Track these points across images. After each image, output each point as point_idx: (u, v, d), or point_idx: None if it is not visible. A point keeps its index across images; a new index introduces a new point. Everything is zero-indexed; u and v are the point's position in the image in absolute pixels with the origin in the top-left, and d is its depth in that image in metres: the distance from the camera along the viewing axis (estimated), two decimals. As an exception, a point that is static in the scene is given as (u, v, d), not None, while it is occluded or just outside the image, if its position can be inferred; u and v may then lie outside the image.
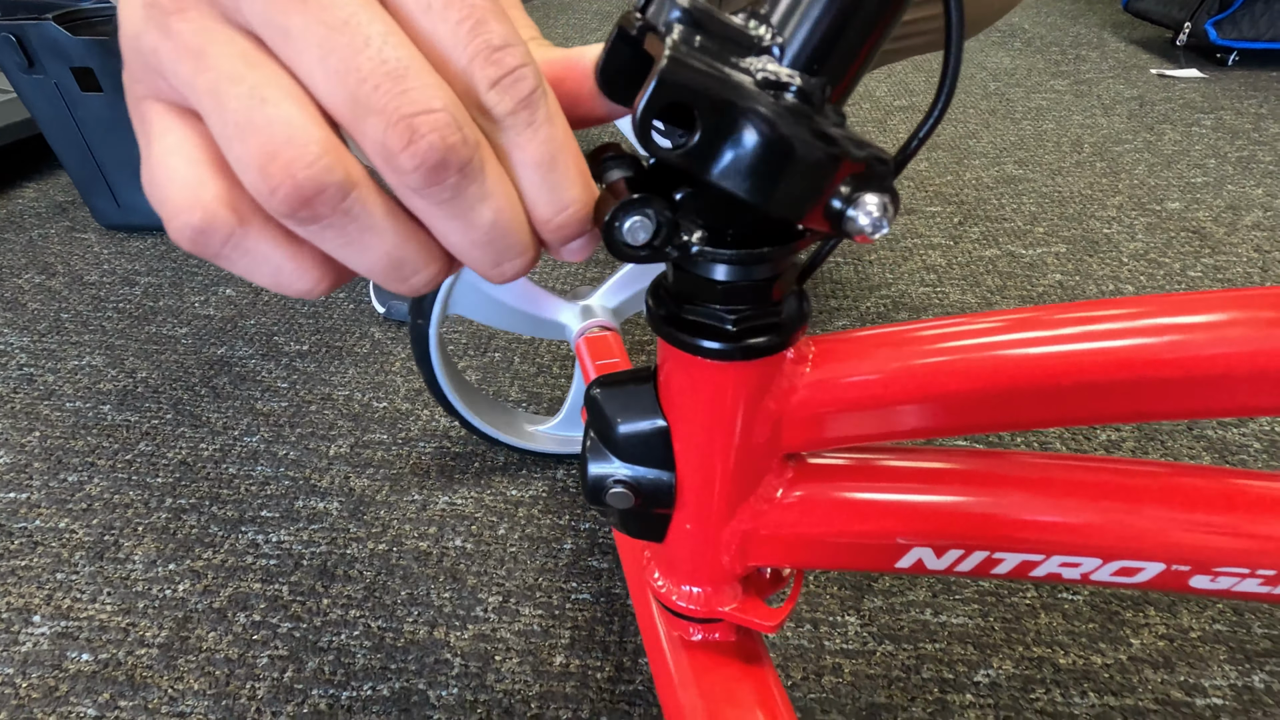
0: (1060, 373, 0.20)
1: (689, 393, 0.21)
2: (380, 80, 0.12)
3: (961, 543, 0.23)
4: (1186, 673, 0.42)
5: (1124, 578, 0.23)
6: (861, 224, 0.16)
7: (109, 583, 0.48)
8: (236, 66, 0.12)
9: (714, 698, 0.28)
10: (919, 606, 0.46)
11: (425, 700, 0.41)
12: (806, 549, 0.24)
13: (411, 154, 0.12)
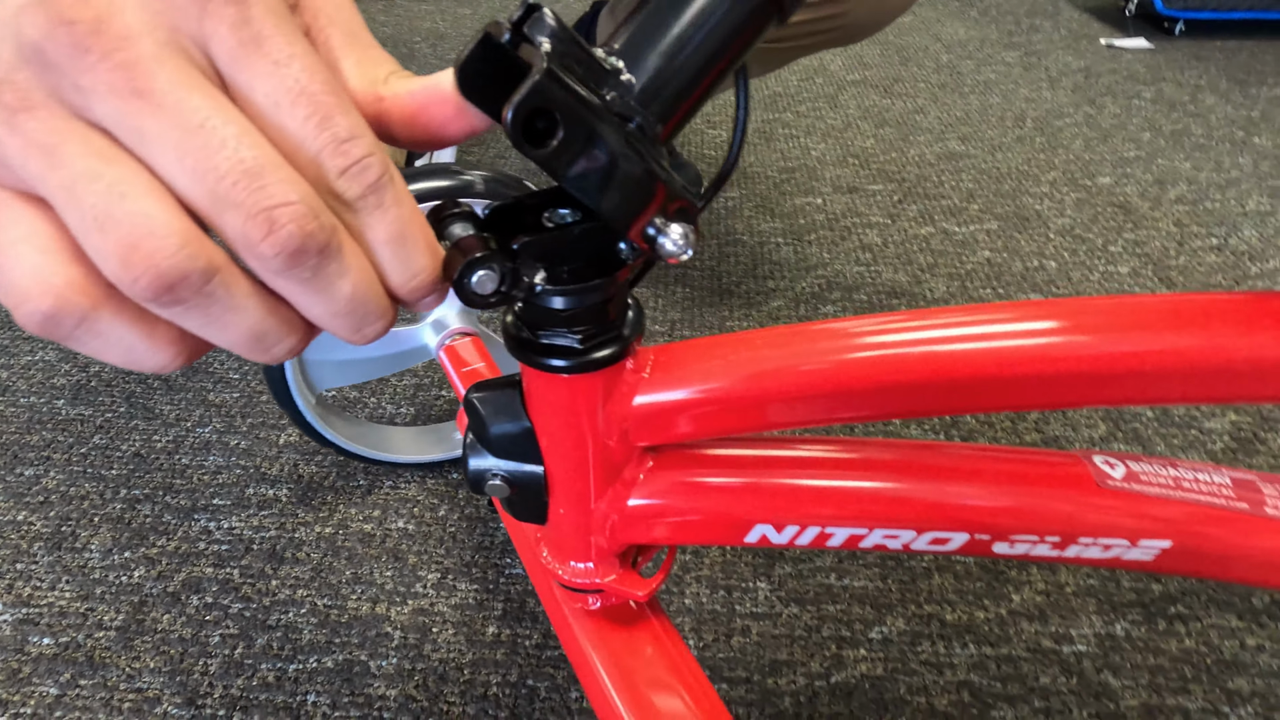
0: (858, 377, 0.23)
1: (545, 400, 0.24)
2: (238, 178, 0.13)
3: (797, 520, 0.27)
4: (1058, 624, 0.47)
5: (938, 546, 0.27)
6: (669, 248, 0.19)
7: (67, 571, 0.50)
8: (92, 164, 0.13)
9: (622, 660, 0.31)
10: (824, 572, 0.50)
11: (366, 670, 0.45)
12: (667, 528, 0.28)
13: (272, 243, 0.14)
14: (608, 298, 0.22)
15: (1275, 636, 0.46)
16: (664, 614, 0.32)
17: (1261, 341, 0.22)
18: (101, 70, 0.13)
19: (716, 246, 0.84)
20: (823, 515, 0.27)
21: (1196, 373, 0.22)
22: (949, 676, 0.44)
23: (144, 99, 0.13)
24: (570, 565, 0.30)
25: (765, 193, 0.94)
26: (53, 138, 0.13)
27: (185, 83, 0.13)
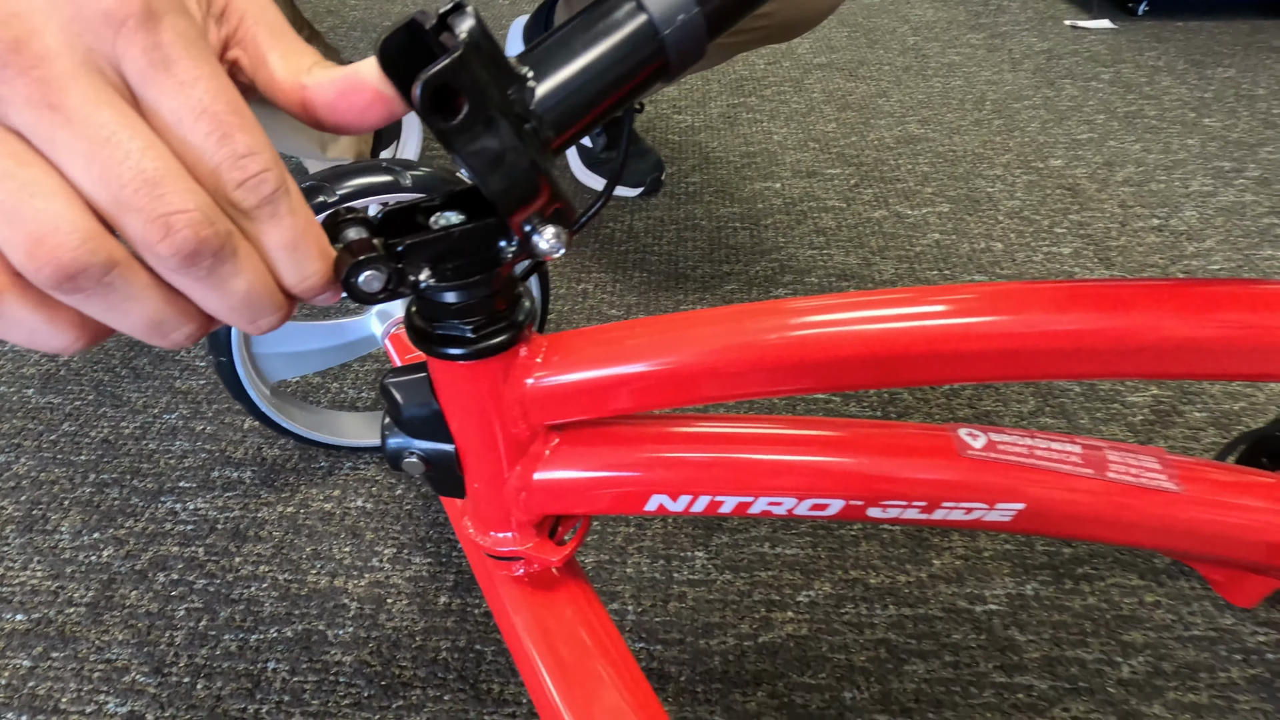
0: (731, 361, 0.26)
1: (448, 385, 0.26)
2: (139, 186, 0.15)
3: (690, 490, 0.29)
4: (973, 585, 0.50)
5: (818, 511, 0.30)
6: (543, 246, 0.21)
7: (38, 552, 0.53)
8: (6, 164, 0.15)
9: (542, 621, 0.34)
10: (759, 541, 0.53)
11: (324, 639, 0.47)
12: (573, 499, 0.30)
13: (168, 245, 0.15)
14: (494, 291, 0.24)
15: (1171, 594, 0.49)
16: (583, 578, 0.35)
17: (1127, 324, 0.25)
18: (19, 84, 0.14)
19: (676, 231, 0.86)
20: (713, 485, 0.29)
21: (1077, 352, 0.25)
22: (868, 635, 0.48)
23: (57, 111, 0.15)
24: (492, 535, 0.32)
25: (726, 177, 0.96)
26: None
27: (96, 99, 0.15)
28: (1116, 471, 0.29)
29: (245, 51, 0.19)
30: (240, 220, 0.17)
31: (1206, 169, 0.96)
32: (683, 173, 0.97)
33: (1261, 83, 1.18)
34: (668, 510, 0.30)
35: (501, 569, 0.35)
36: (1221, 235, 0.84)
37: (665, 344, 0.26)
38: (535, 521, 0.32)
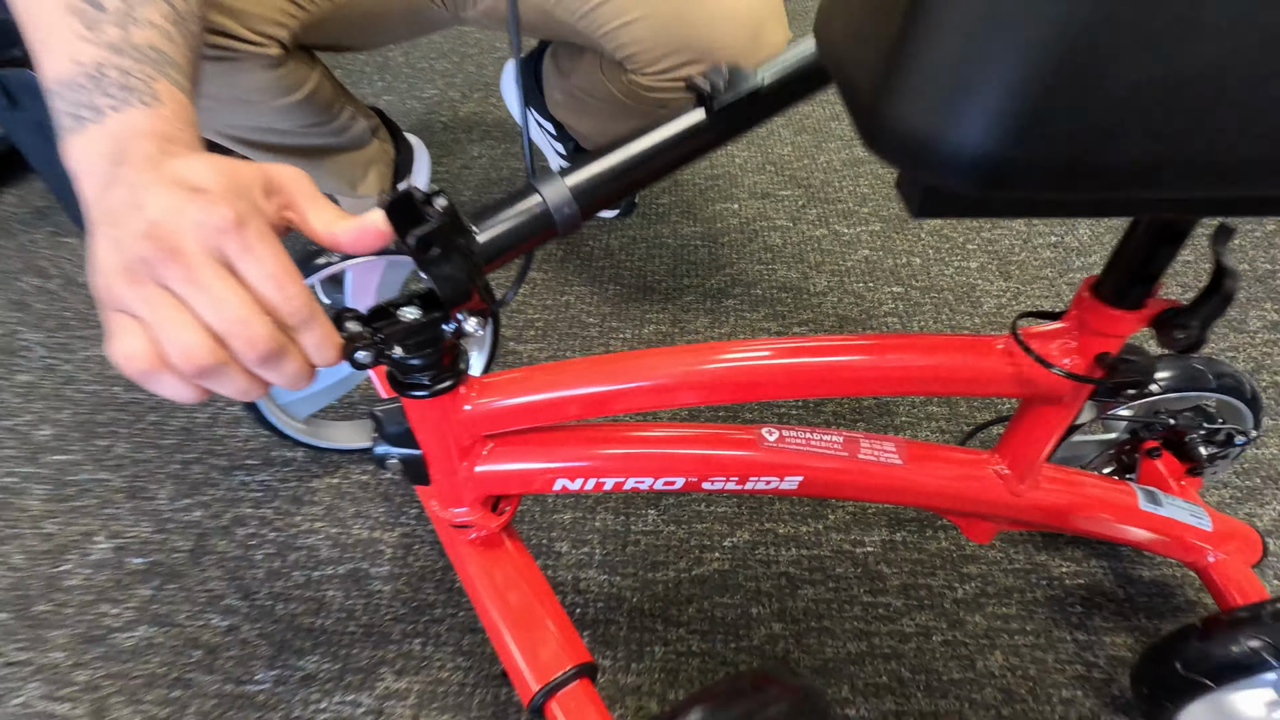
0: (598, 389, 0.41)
1: (415, 412, 0.40)
2: (236, 322, 0.27)
3: (581, 475, 0.44)
4: (857, 533, 0.66)
5: (669, 486, 0.44)
6: (467, 329, 0.35)
7: (144, 514, 0.68)
8: (167, 310, 0.26)
9: (489, 570, 0.48)
10: (697, 503, 0.69)
11: (368, 574, 0.63)
12: (504, 483, 0.44)
13: (252, 355, 0.27)
14: (441, 355, 0.38)
15: (1004, 540, 0.66)
16: (519, 539, 0.50)
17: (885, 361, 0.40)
18: (173, 267, 0.26)
19: (645, 249, 1.01)
20: (596, 472, 0.44)
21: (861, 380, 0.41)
22: (774, 569, 0.64)
23: (192, 283, 0.26)
24: (450, 510, 0.46)
25: (691, 199, 1.11)
26: (150, 291, 0.27)
27: (213, 274, 0.27)
28: (865, 453, 0.45)
29: (294, 212, 0.31)
30: (289, 331, 0.29)
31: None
32: (654, 195, 1.12)
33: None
34: (569, 490, 0.45)
35: (460, 535, 0.48)
36: (1106, 250, 0.99)
37: (552, 382, 0.41)
38: (480, 500, 0.46)
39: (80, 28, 0.31)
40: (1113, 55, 0.22)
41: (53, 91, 0.30)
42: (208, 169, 0.28)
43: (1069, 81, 0.22)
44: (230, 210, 0.27)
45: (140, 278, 0.27)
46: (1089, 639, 0.59)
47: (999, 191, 0.25)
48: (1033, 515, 0.50)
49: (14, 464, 0.73)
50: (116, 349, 0.27)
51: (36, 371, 0.83)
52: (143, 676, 0.57)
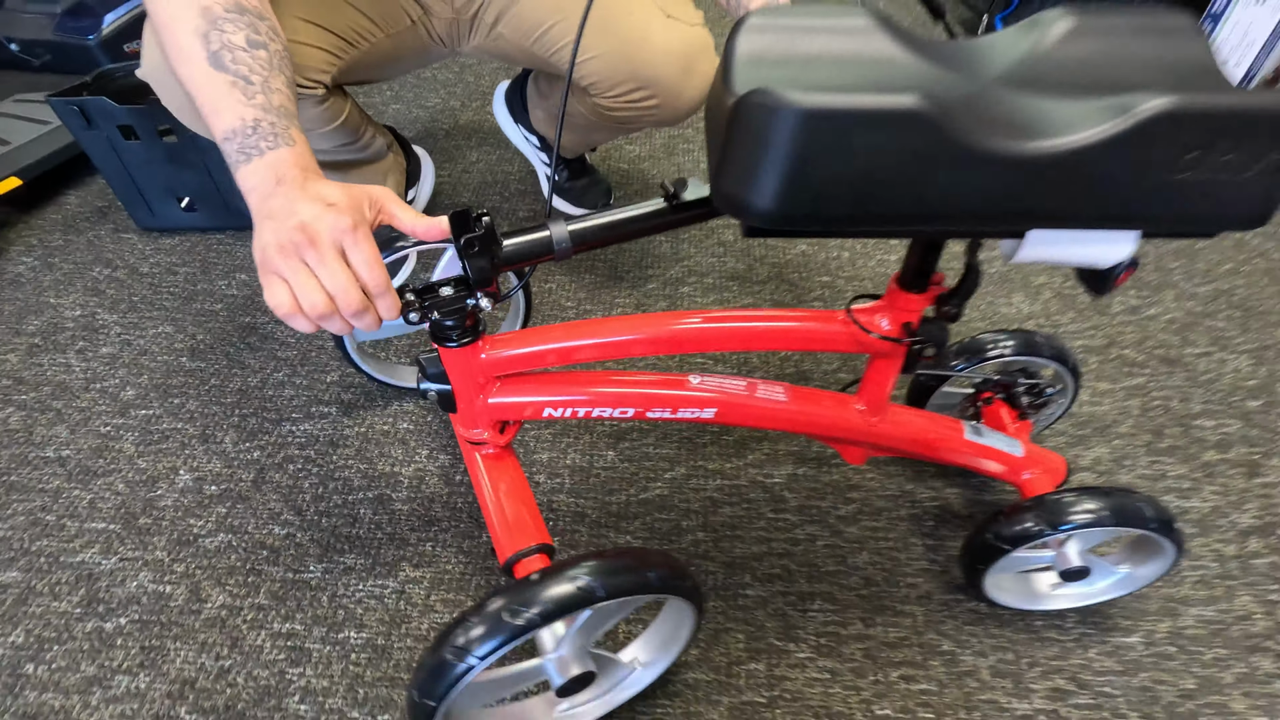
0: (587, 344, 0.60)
1: (448, 358, 0.60)
2: (340, 290, 0.44)
3: (562, 405, 0.63)
4: (769, 469, 0.85)
5: (623, 415, 0.63)
6: (483, 305, 0.55)
7: (214, 455, 0.88)
8: (304, 278, 0.47)
9: (493, 477, 0.67)
10: (647, 445, 0.88)
11: (390, 498, 0.83)
12: (508, 411, 0.63)
13: (350, 311, 0.47)
14: (466, 320, 0.57)
15: (882, 474, 0.84)
16: (515, 456, 0.69)
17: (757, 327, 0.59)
18: (311, 252, 0.47)
19: (616, 244, 1.19)
20: (573, 403, 0.63)
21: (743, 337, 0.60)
22: (702, 495, 0.83)
23: (323, 264, 0.47)
24: (471, 431, 0.66)
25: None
26: (294, 263, 0.46)
27: (334, 260, 0.47)
28: (761, 393, 0.64)
29: (386, 215, 0.51)
30: (371, 297, 0.47)
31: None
32: (628, 195, 1.30)
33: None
34: (553, 416, 0.64)
35: (475, 449, 0.68)
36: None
37: (541, 340, 0.60)
38: (491, 423, 0.66)
39: (242, 97, 0.49)
40: (820, 163, 0.41)
41: (225, 139, 0.49)
42: (338, 191, 0.47)
43: (800, 176, 0.41)
44: (349, 219, 0.46)
45: (289, 253, 0.44)
46: (935, 544, 0.78)
47: (776, 227, 0.44)
48: (886, 440, 0.69)
49: (108, 418, 0.92)
50: (270, 298, 0.45)
51: (115, 345, 1.02)
52: (225, 568, 0.77)
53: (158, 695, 0.67)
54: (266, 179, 0.48)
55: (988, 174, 0.42)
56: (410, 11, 0.87)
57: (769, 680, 0.68)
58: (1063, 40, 0.45)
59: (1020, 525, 0.64)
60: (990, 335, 0.79)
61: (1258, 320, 1.03)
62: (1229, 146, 0.41)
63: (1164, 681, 0.67)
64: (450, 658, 0.49)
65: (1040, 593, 0.73)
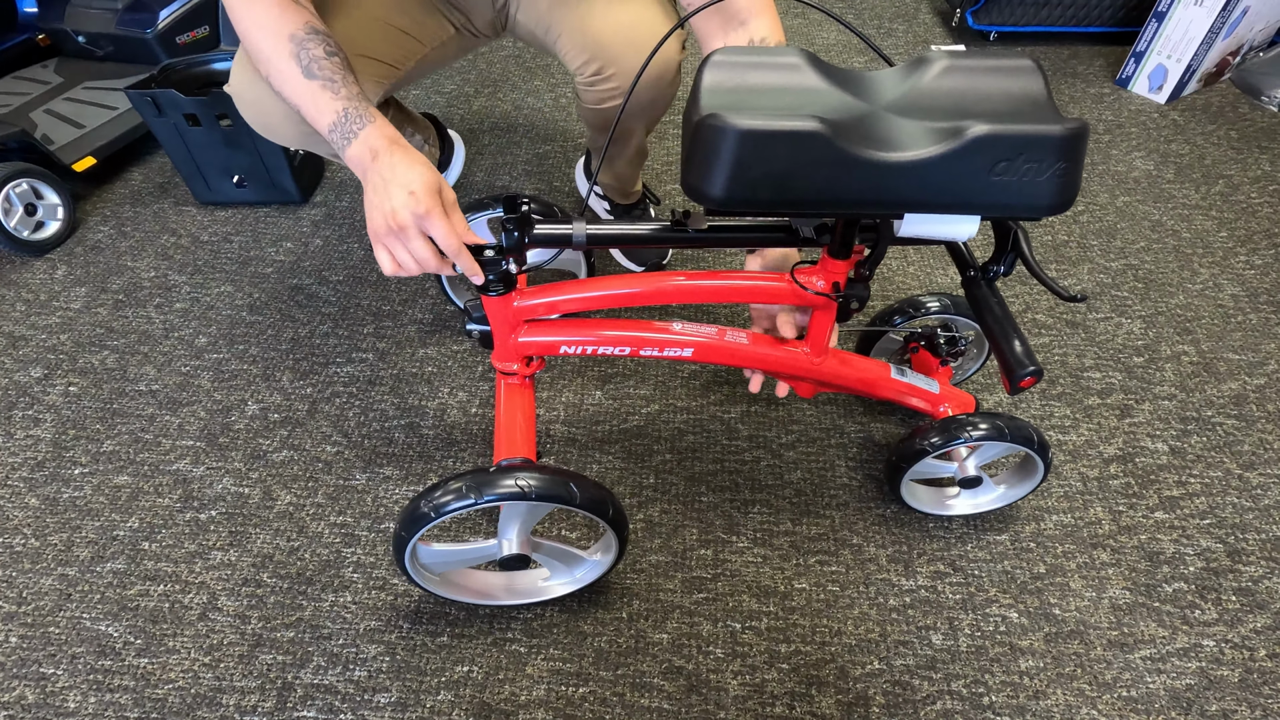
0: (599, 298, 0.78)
1: (489, 305, 0.79)
2: (425, 259, 0.65)
3: (571, 345, 0.81)
4: (728, 407, 1.04)
5: (620, 353, 0.82)
6: (511, 268, 0.74)
7: (275, 389, 1.07)
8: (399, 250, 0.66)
9: (511, 403, 0.87)
10: (628, 386, 1.07)
11: (419, 425, 1.02)
12: (533, 349, 0.82)
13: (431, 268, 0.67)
14: (500, 275, 0.76)
15: (826, 410, 1.03)
16: (533, 390, 0.88)
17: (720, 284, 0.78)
18: (402, 234, 0.66)
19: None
20: (583, 342, 0.82)
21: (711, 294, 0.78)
22: (671, 426, 1.02)
23: (410, 243, 0.66)
24: (504, 364, 0.85)
25: (649, 181, 1.46)
26: (392, 241, 0.66)
27: (417, 236, 0.65)
28: (729, 337, 0.82)
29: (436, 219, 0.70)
30: (451, 256, 0.69)
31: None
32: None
33: (1045, 105, 1.65)
34: (568, 354, 0.83)
35: (506, 379, 0.88)
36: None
37: (559, 293, 0.79)
38: (520, 358, 0.85)
39: (331, 95, 0.68)
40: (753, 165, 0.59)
41: (330, 131, 0.68)
42: (419, 179, 0.64)
43: (740, 174, 0.59)
44: (424, 206, 0.64)
45: (388, 234, 0.64)
46: (856, 466, 0.97)
47: (726, 209, 0.61)
48: (828, 378, 0.86)
49: (186, 360, 1.12)
50: (380, 260, 0.66)
51: (186, 301, 1.22)
52: (290, 475, 0.97)
53: (245, 565, 0.88)
54: (364, 155, 0.66)
55: (869, 174, 0.58)
56: (453, 20, 0.99)
57: (715, 562, 0.88)
58: (936, 77, 0.61)
59: (941, 433, 0.81)
60: (923, 297, 0.96)
61: (1157, 291, 1.20)
62: (1027, 159, 0.58)
63: (1021, 567, 0.86)
64: (423, 508, 0.69)
65: (943, 501, 0.91)
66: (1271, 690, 0.76)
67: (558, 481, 0.70)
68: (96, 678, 0.78)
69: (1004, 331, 0.73)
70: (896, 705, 0.76)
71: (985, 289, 0.76)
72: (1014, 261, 0.75)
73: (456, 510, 0.68)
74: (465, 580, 0.84)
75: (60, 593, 0.86)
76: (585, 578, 0.84)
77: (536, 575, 0.85)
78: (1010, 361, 0.71)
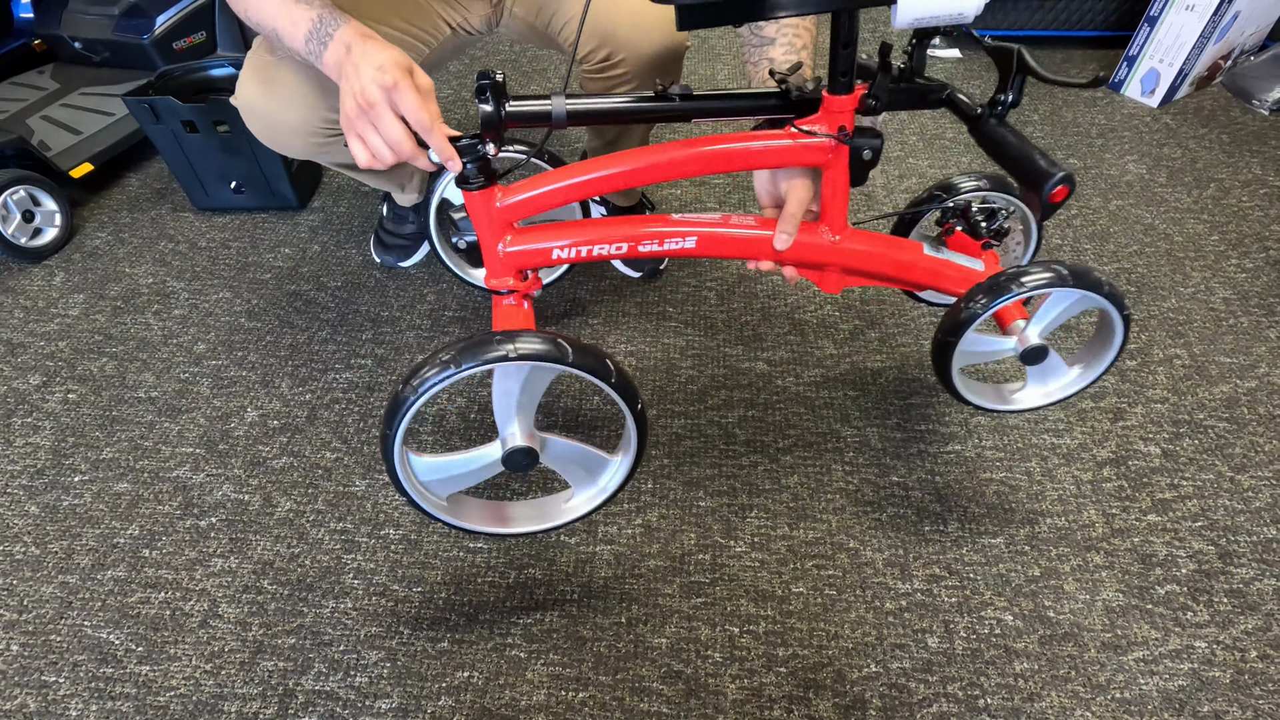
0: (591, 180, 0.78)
1: (470, 203, 0.76)
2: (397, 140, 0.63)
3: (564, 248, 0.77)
4: (725, 412, 1.05)
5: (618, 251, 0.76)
6: (488, 152, 0.71)
7: (274, 396, 1.08)
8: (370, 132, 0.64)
9: (510, 317, 0.82)
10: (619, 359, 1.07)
11: (418, 432, 1.03)
12: (524, 259, 0.78)
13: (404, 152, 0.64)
14: (485, 167, 0.72)
15: (814, 416, 1.04)
16: (531, 305, 0.86)
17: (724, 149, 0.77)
18: (371, 112, 0.63)
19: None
20: (575, 244, 0.77)
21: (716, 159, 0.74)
22: (668, 431, 1.02)
23: (380, 122, 0.63)
24: (495, 280, 0.80)
25: (647, 190, 1.47)
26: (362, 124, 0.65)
27: (387, 112, 0.63)
28: (735, 222, 0.78)
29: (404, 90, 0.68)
30: (422, 135, 0.65)
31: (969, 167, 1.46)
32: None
33: (1040, 109, 1.67)
34: (562, 259, 0.75)
35: (501, 298, 0.77)
36: (945, 228, 1.35)
37: (545, 181, 0.77)
38: (513, 272, 0.82)
39: (305, 6, 0.68)
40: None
41: (306, 42, 0.68)
42: (386, 57, 0.64)
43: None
44: (391, 77, 0.62)
45: (357, 117, 0.64)
46: (853, 470, 0.98)
47: (702, 17, 0.58)
48: (853, 260, 0.77)
49: (185, 367, 1.12)
50: (354, 150, 0.65)
51: (185, 308, 1.22)
52: (289, 482, 0.98)
53: (245, 572, 0.89)
54: (339, 52, 0.67)
55: None
56: (449, 19, 0.99)
57: (712, 566, 0.88)
58: None
59: (989, 290, 0.70)
60: (955, 177, 0.87)
61: (1149, 294, 1.21)
62: None
63: (1016, 570, 0.87)
64: (404, 392, 0.64)
65: (1006, 395, 0.84)
66: (1262, 691, 0.77)
67: (546, 340, 0.63)
68: (98, 685, 0.79)
69: (1024, 152, 0.67)
70: (893, 708, 0.77)
71: (996, 124, 0.70)
72: (1022, 85, 0.69)
73: (438, 383, 0.62)
74: (478, 507, 0.78)
75: (61, 600, 0.86)
76: (610, 485, 0.77)
77: (557, 498, 0.80)
78: (1037, 175, 0.64)
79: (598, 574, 0.88)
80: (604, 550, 0.90)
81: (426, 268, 1.29)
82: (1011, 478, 0.96)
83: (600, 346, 0.70)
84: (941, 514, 0.93)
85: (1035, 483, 0.96)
